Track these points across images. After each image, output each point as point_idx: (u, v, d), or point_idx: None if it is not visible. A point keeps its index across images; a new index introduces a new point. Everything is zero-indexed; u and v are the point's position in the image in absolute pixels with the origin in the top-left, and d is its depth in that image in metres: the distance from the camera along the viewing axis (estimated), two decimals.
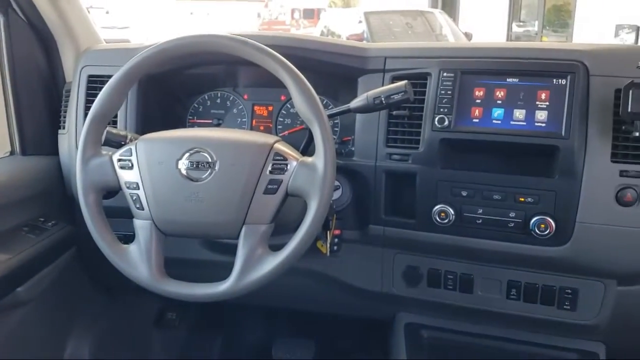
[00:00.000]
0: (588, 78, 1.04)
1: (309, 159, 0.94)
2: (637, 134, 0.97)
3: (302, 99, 0.93)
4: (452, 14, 12.31)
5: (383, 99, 1.06)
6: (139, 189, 0.97)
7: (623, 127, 1.02)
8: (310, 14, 19.82)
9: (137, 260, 0.97)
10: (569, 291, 1.13)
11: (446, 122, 1.09)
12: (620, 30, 8.12)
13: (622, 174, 1.03)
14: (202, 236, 1.20)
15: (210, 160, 0.95)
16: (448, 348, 1.28)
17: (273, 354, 1.75)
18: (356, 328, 1.74)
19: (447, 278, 1.21)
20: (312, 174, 0.92)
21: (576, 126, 1.03)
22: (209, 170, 0.94)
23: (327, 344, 1.79)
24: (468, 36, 9.35)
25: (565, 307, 1.14)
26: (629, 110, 0.96)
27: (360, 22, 9.23)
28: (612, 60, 1.05)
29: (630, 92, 0.96)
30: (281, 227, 0.99)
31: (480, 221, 1.11)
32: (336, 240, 1.20)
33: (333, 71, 1.23)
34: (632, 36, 7.82)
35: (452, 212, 1.11)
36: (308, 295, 1.42)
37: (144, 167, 0.97)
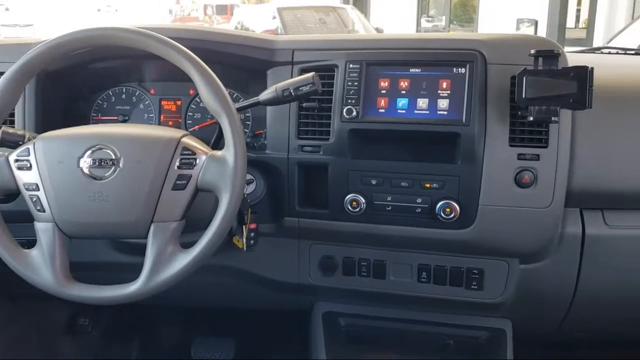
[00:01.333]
0: (486, 66, 1.09)
1: (218, 153, 0.93)
2: (531, 118, 1.02)
3: (209, 91, 0.92)
4: (363, 9, 12.55)
5: (292, 90, 1.06)
6: (39, 190, 0.92)
7: (519, 113, 1.07)
8: (224, 10, 19.58)
9: (39, 265, 0.92)
10: (476, 272, 1.19)
11: (354, 113, 1.11)
12: (520, 24, 8.58)
13: (520, 157, 1.08)
14: (109, 237, 1.16)
15: (113, 157, 0.91)
16: (365, 334, 1.31)
17: (192, 354, 1.72)
18: (276, 321, 1.74)
19: (361, 265, 1.23)
20: (222, 167, 0.91)
21: (476, 113, 1.07)
22: (113, 168, 0.91)
23: (247, 339, 1.78)
24: (379, 31, 9.59)
25: (472, 287, 1.19)
26: (524, 96, 1.01)
27: (274, 17, 9.23)
28: (507, 49, 1.11)
29: (524, 79, 1.01)
30: (194, 224, 0.98)
31: (390, 208, 1.14)
32: (252, 234, 1.19)
33: (242, 64, 1.23)
34: (532, 29, 8.28)
35: (363, 201, 1.13)
36: (226, 292, 1.41)
37: (43, 167, 0.93)
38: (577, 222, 1.17)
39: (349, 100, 1.12)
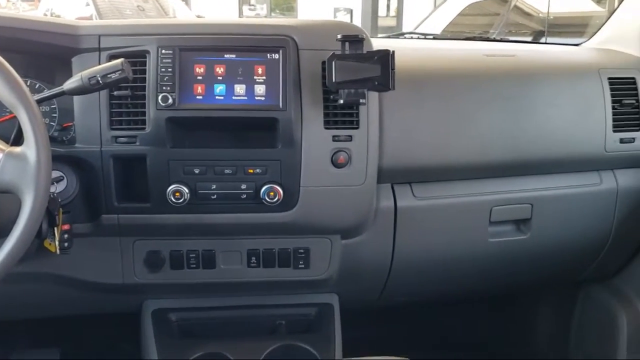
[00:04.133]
0: (298, 52, 1.12)
1: (16, 149, 0.85)
2: (342, 101, 1.07)
3: (1, 82, 0.83)
4: None
5: (99, 78, 0.99)
6: None
7: (331, 97, 1.11)
8: None
9: None
10: (302, 251, 1.22)
11: (170, 100, 1.07)
12: (337, 12, 8.97)
13: (335, 139, 1.13)
14: None
15: None
16: (197, 326, 1.29)
17: None
18: (105, 325, 1.64)
19: (190, 257, 1.21)
20: (22, 165, 0.83)
21: (292, 98, 1.09)
22: None
23: (74, 347, 1.66)
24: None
25: (300, 266, 1.23)
26: (334, 80, 1.05)
27: (87, 4, 8.65)
28: (317, 35, 1.14)
29: (333, 63, 1.05)
30: None
31: (215, 196, 1.12)
32: (66, 236, 1.10)
33: (43, 51, 1.12)
34: (348, 17, 8.70)
35: (187, 191, 1.10)
36: (46, 300, 1.29)
37: None
38: (389, 197, 1.26)
39: (164, 87, 1.08)
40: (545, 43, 3.12)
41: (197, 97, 1.09)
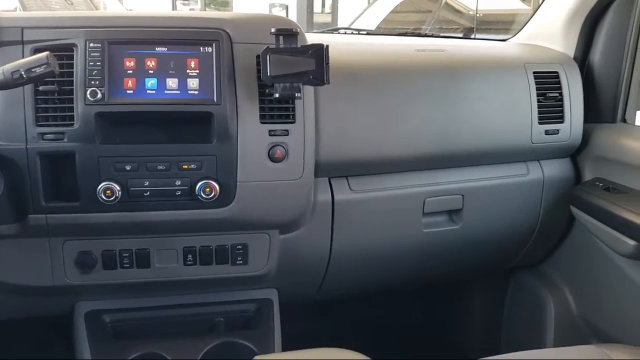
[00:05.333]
0: (232, 45, 1.10)
1: None
2: (277, 95, 1.07)
3: None
4: None
5: (23, 72, 0.95)
6: None
7: (267, 91, 1.11)
8: None
9: None
10: (240, 247, 1.21)
11: (99, 95, 1.04)
12: (272, 8, 8.92)
13: (271, 133, 1.13)
14: None
15: None
16: (133, 328, 1.25)
17: None
18: (37, 329, 1.58)
19: (123, 257, 1.17)
20: None
21: (226, 92, 1.08)
22: None
23: (4, 353, 1.59)
24: None
25: (238, 262, 1.22)
26: (268, 74, 1.05)
27: None
28: (251, 28, 1.13)
29: (268, 57, 1.04)
30: None
31: (148, 193, 1.10)
32: None
33: None
34: (283, 13, 8.67)
35: (118, 188, 1.07)
36: None
37: None
38: (326, 190, 1.27)
39: (93, 82, 1.04)
40: (474, 39, 3.23)
41: (128, 91, 1.06)
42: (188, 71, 1.09)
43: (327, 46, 1.07)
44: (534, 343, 1.63)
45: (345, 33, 1.99)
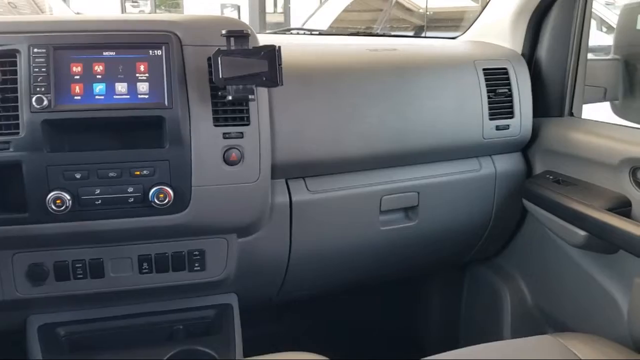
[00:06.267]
0: (182, 48, 1.09)
1: None
2: (230, 97, 1.06)
3: None
4: None
5: None
6: None
7: (219, 93, 1.09)
8: None
9: None
10: (197, 253, 1.19)
11: (45, 102, 1.01)
12: (224, 9, 8.86)
13: (225, 136, 1.11)
14: None
15: None
16: (89, 340, 1.22)
17: None
18: None
19: (76, 267, 1.14)
20: None
21: (177, 95, 1.06)
22: None
23: None
24: None
25: (195, 268, 1.20)
26: (220, 76, 1.03)
27: None
28: (201, 30, 1.12)
29: (219, 59, 1.03)
30: None
31: (99, 202, 1.07)
32: None
33: None
34: (235, 13, 8.62)
35: (69, 198, 1.04)
36: None
37: None
38: (284, 192, 1.26)
39: (38, 88, 1.01)
40: (425, 37, 3.28)
41: (75, 97, 1.04)
42: (137, 75, 1.06)
43: (280, 47, 1.07)
44: (491, 335, 1.66)
45: (298, 33, 1.98)
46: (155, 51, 1.07)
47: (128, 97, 1.05)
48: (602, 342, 1.12)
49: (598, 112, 1.64)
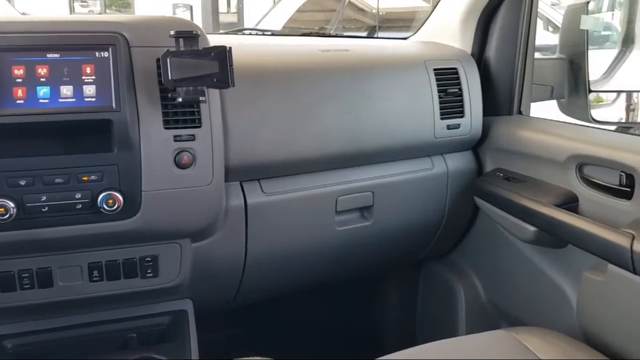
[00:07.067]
0: (129, 49, 1.06)
1: None
2: (180, 99, 1.03)
3: None
4: None
5: None
6: None
7: (169, 95, 1.07)
8: None
9: None
10: (149, 259, 1.17)
11: None
12: (176, 9, 8.72)
13: (176, 139, 1.09)
14: None
15: None
16: (38, 351, 1.18)
17: None
18: None
19: (23, 277, 1.10)
20: None
21: (125, 98, 1.04)
22: None
23: None
24: None
25: (148, 275, 1.17)
26: (170, 78, 1.01)
27: None
28: (149, 31, 1.09)
29: (168, 60, 1.01)
30: None
31: (46, 209, 1.03)
32: None
33: None
34: (188, 14, 8.49)
35: (13, 205, 1.00)
36: None
37: None
38: (238, 195, 1.25)
39: None
40: (377, 37, 3.30)
41: (18, 101, 1.00)
42: (84, 78, 1.03)
43: (230, 48, 1.05)
44: (447, 331, 1.68)
45: (250, 34, 1.97)
46: (102, 53, 1.04)
47: (74, 100, 1.02)
48: (554, 335, 1.15)
49: (546, 110, 1.69)
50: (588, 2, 1.61)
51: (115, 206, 1.05)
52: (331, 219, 1.38)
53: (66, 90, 1.02)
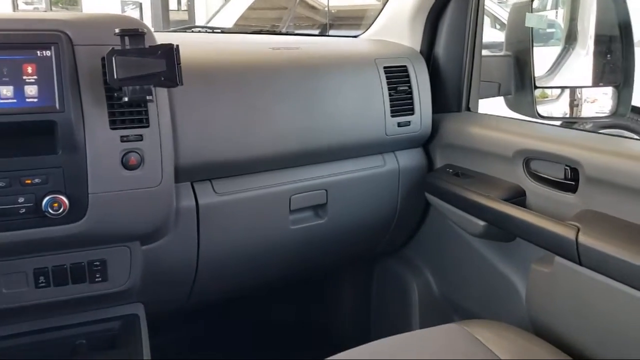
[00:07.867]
0: (73, 48, 1.03)
1: None
2: (126, 99, 1.01)
3: None
4: None
5: None
6: None
7: (115, 94, 1.04)
8: None
9: None
10: (98, 263, 1.14)
11: None
12: (125, 6, 8.54)
13: (123, 139, 1.06)
14: None
15: None
16: None
17: None
18: None
19: None
20: None
21: (69, 98, 1.01)
22: None
23: None
24: None
25: (97, 279, 1.14)
26: (115, 77, 0.99)
27: None
28: (94, 29, 1.06)
29: (113, 59, 0.98)
30: None
31: None
32: None
33: None
34: (137, 12, 8.32)
35: None
36: None
37: None
38: (189, 195, 1.23)
39: None
40: (328, 35, 3.31)
41: None
42: (25, 77, 1.00)
43: (177, 46, 1.03)
44: (401, 326, 1.70)
45: (200, 31, 1.94)
46: (44, 52, 1.01)
47: (15, 101, 0.99)
48: (505, 327, 1.18)
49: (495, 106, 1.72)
50: (532, 0, 1.65)
51: (61, 210, 1.02)
52: (285, 218, 1.38)
53: (6, 90, 0.98)
